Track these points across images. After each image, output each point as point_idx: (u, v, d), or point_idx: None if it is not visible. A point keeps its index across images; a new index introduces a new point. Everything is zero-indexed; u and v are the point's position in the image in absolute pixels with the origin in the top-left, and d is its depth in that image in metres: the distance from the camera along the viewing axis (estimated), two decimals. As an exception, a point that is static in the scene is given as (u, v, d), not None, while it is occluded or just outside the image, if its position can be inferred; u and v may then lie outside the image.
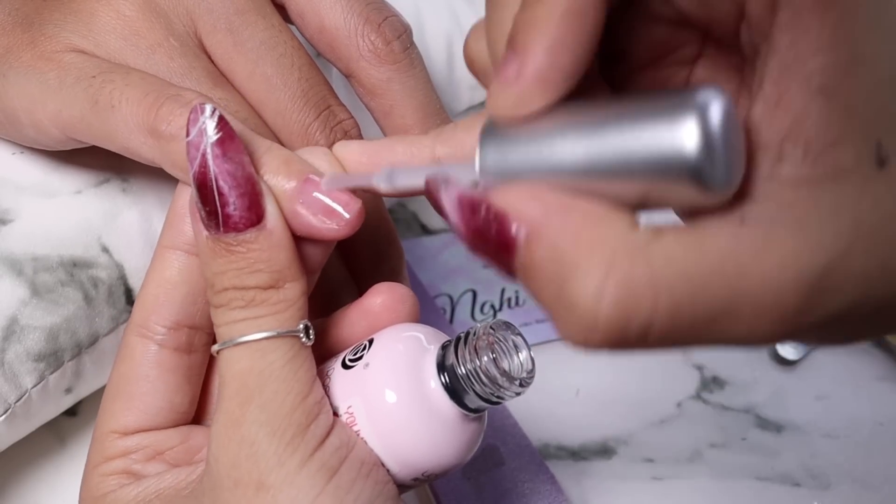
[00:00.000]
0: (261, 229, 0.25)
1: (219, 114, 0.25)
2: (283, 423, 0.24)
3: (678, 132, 0.19)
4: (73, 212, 0.33)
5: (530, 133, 0.21)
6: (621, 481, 0.45)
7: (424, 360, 0.27)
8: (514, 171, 0.22)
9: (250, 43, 0.30)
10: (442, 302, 0.51)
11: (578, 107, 0.21)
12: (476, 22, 0.25)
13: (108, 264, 0.34)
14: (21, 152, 0.34)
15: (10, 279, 0.32)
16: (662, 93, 0.20)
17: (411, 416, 0.26)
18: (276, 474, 0.24)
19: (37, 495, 0.38)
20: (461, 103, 0.47)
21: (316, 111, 0.30)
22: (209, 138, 0.24)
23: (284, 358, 0.25)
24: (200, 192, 0.25)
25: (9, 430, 0.33)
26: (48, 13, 0.30)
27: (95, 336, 0.34)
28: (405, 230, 0.55)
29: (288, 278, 0.25)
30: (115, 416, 0.28)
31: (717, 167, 0.19)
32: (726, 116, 0.19)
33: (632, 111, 0.20)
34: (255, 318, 0.25)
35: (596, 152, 0.20)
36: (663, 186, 0.20)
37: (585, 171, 0.20)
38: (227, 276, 0.25)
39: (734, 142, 0.19)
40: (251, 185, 0.25)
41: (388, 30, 0.31)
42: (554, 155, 0.21)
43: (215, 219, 0.25)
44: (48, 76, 0.29)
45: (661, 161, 0.19)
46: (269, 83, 0.30)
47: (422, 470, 0.26)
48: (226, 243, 0.25)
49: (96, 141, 0.29)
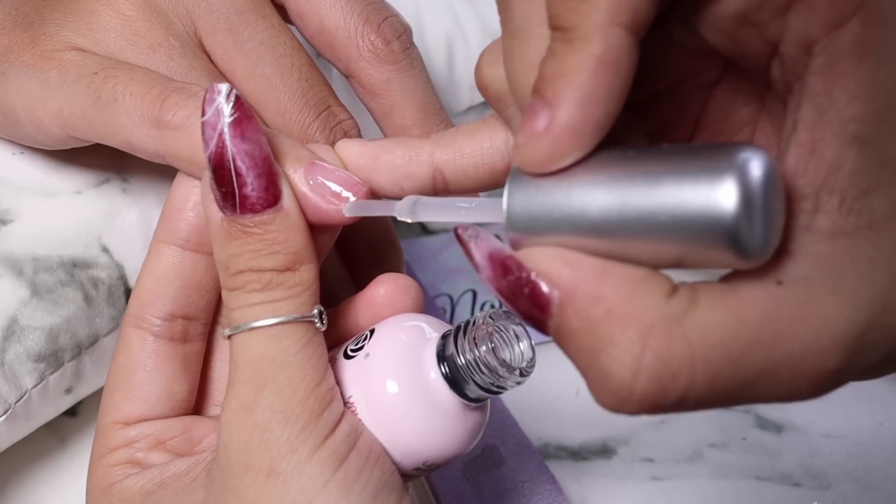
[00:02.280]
0: (278, 210, 0.25)
1: (235, 93, 0.24)
2: (296, 410, 0.24)
3: (716, 193, 0.18)
4: (74, 212, 0.34)
5: (560, 183, 0.20)
6: (621, 481, 0.45)
7: (425, 351, 0.27)
8: (543, 222, 0.21)
9: (250, 43, 0.30)
10: (442, 302, 0.51)
11: (611, 157, 0.20)
12: (489, 45, 0.24)
13: (108, 264, 0.34)
14: (21, 152, 0.34)
15: (11, 279, 0.32)
16: (700, 148, 0.19)
17: (412, 407, 0.26)
18: (287, 461, 0.24)
19: (37, 495, 0.38)
20: (461, 103, 0.47)
21: (315, 111, 0.30)
22: (226, 118, 0.24)
23: (299, 344, 0.25)
24: (216, 174, 0.24)
25: (9, 430, 0.33)
26: (48, 12, 0.30)
27: (95, 336, 0.34)
28: (405, 230, 0.55)
29: (304, 260, 0.25)
30: (116, 407, 0.28)
31: (756, 232, 0.18)
32: (767, 178, 0.18)
33: (668, 167, 0.19)
34: (271, 302, 0.25)
35: (629, 209, 0.19)
36: (698, 249, 0.19)
37: (617, 229, 0.20)
38: (244, 259, 0.25)
39: (775, 204, 0.19)
40: (269, 165, 0.25)
41: (387, 30, 0.31)
42: (585, 209, 0.20)
43: (232, 200, 0.25)
44: (49, 74, 0.29)
45: (697, 222, 0.18)
46: (269, 83, 0.30)
47: (423, 459, 0.26)
48: (242, 225, 0.25)
49: (98, 137, 0.29)
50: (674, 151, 0.20)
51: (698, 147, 0.20)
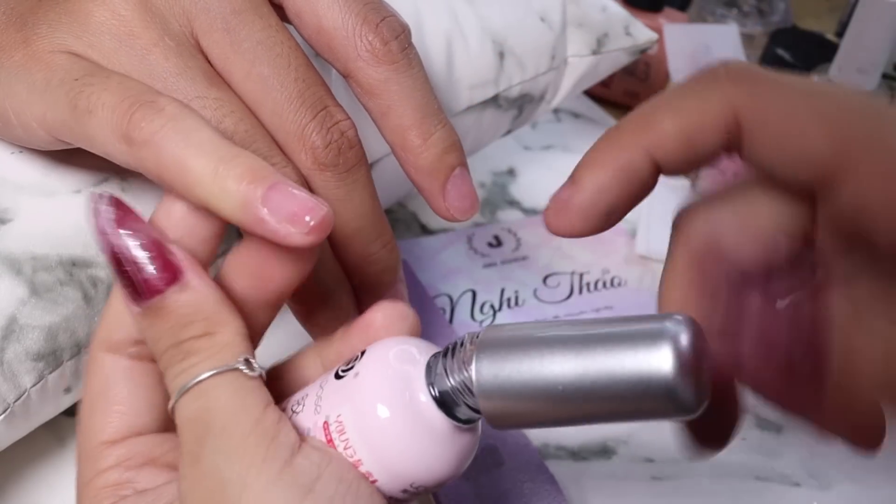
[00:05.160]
0: (182, 284, 0.26)
1: (111, 196, 0.26)
2: (238, 448, 0.24)
3: (656, 357, 0.22)
4: (73, 211, 0.34)
5: (522, 351, 0.24)
6: (621, 481, 0.44)
7: (414, 372, 0.26)
8: (509, 386, 0.24)
9: (247, 43, 0.30)
10: (441, 302, 0.51)
11: (562, 323, 0.25)
12: None
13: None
14: (20, 151, 0.34)
15: (9, 278, 0.32)
16: (640, 318, 0.24)
17: (401, 428, 0.26)
18: (246, 496, 0.24)
19: (36, 495, 0.38)
20: (460, 103, 0.47)
21: (312, 111, 0.30)
22: (108, 220, 0.26)
23: (227, 392, 0.25)
24: (116, 270, 0.26)
25: (8, 429, 0.33)
26: (43, 13, 0.30)
27: (94, 335, 0.34)
28: (404, 230, 0.55)
29: (219, 323, 0.26)
30: (98, 429, 0.27)
31: (689, 390, 0.22)
32: (695, 342, 0.23)
33: (615, 336, 0.23)
34: (192, 367, 0.25)
35: (583, 373, 0.23)
36: (644, 404, 0.23)
37: (574, 389, 0.23)
38: (165, 339, 0.26)
39: (704, 364, 0.23)
40: (159, 247, 0.26)
41: (385, 30, 0.31)
42: (544, 374, 0.24)
43: (137, 289, 0.26)
44: (36, 77, 0.29)
45: (641, 381, 0.23)
46: (266, 83, 0.30)
47: (410, 482, 0.26)
48: (154, 309, 0.26)
49: (79, 144, 0.29)
50: (619, 321, 0.24)
51: (637, 317, 0.24)
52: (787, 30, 0.77)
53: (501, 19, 0.49)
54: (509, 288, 0.53)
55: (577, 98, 0.71)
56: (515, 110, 0.51)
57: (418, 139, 0.31)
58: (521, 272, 0.54)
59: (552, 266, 0.55)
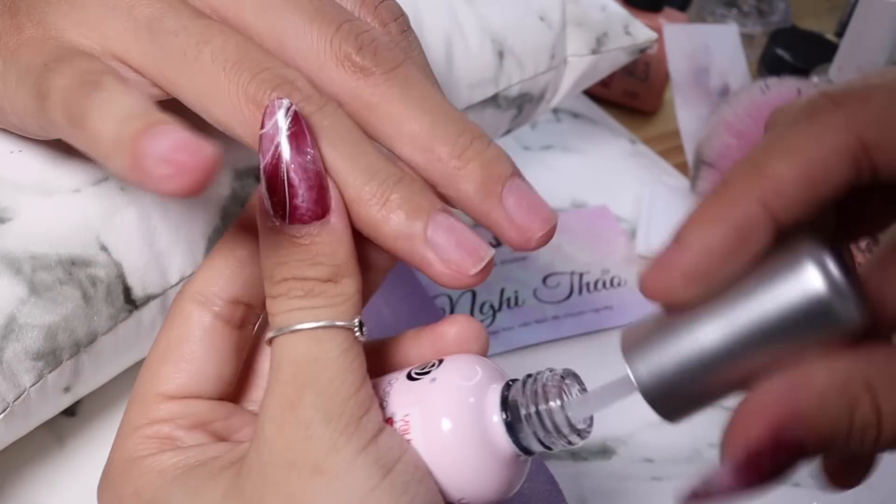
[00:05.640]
0: (325, 223, 0.25)
1: (294, 109, 0.25)
2: (337, 411, 0.25)
3: (805, 281, 0.21)
4: (72, 210, 0.33)
5: (671, 338, 0.23)
6: (621, 481, 0.44)
7: (489, 393, 0.27)
8: (668, 375, 0.23)
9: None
10: (441, 302, 0.51)
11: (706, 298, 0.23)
12: None
13: (107, 263, 0.34)
14: (19, 150, 0.34)
15: (9, 278, 0.32)
16: (771, 257, 0.22)
17: (468, 443, 0.26)
18: (332, 460, 0.24)
19: (35, 495, 0.38)
20: (460, 103, 0.47)
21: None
22: (283, 131, 0.25)
23: (339, 349, 0.25)
24: (270, 184, 0.25)
25: (7, 429, 0.33)
26: None
27: (94, 335, 0.34)
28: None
29: (346, 274, 0.26)
30: (164, 379, 0.28)
31: (848, 301, 0.21)
32: (836, 258, 0.21)
33: (755, 282, 0.22)
34: (312, 308, 0.25)
35: (741, 336, 0.22)
36: (808, 332, 0.22)
37: (733, 352, 0.22)
38: (288, 267, 0.26)
39: (851, 277, 0.22)
40: (320, 179, 0.25)
41: (384, 12, 0.31)
42: (703, 352, 0.23)
43: (282, 210, 0.25)
44: (21, 64, 0.28)
45: (798, 310, 0.21)
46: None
47: (460, 496, 0.27)
48: (290, 235, 0.25)
49: (52, 133, 0.28)
50: (754, 267, 0.22)
51: (769, 257, 0.22)
52: (786, 30, 0.77)
53: (501, 18, 0.49)
54: (509, 288, 0.53)
55: (576, 98, 0.71)
56: (515, 110, 0.51)
57: None
58: (521, 272, 0.54)
59: (552, 266, 0.55)
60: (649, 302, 0.23)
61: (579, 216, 0.60)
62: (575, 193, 0.62)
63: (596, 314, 0.52)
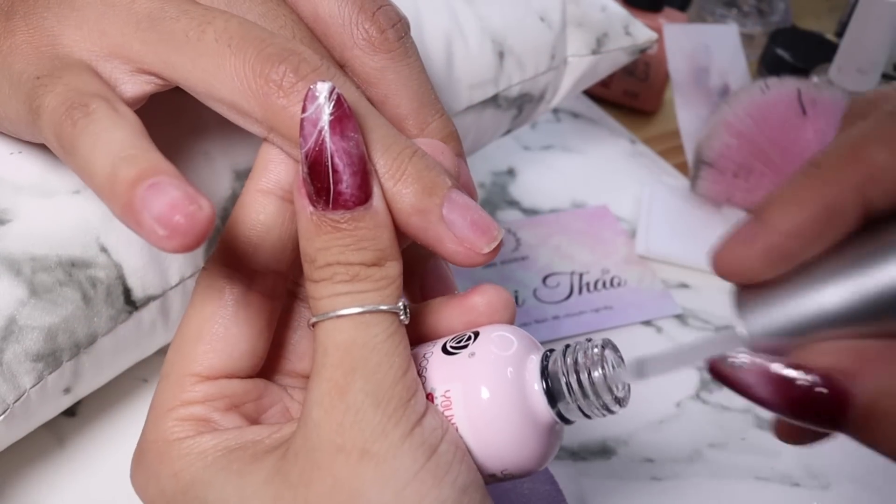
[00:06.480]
0: (368, 208, 0.25)
1: (337, 92, 0.25)
2: (386, 395, 0.25)
3: None
4: (72, 211, 0.33)
5: (788, 292, 0.22)
6: (620, 481, 0.44)
7: (528, 362, 0.27)
8: (782, 328, 0.22)
9: (250, 15, 0.29)
10: (441, 302, 0.51)
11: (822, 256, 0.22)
12: None
13: (107, 264, 0.34)
14: (19, 152, 0.34)
15: (9, 279, 0.32)
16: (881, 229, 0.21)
17: (509, 413, 0.26)
18: (380, 444, 0.24)
19: (36, 496, 0.38)
20: (460, 103, 0.47)
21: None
22: (326, 116, 0.25)
23: (386, 333, 0.25)
24: (313, 169, 0.25)
25: (8, 430, 0.33)
26: (33, 1, 0.30)
27: (94, 336, 0.34)
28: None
29: (389, 257, 0.26)
30: (198, 359, 0.27)
31: None
32: None
33: (881, 242, 0.21)
34: (358, 293, 0.25)
35: (863, 294, 0.21)
36: None
37: (854, 314, 0.21)
38: (332, 252, 0.25)
39: None
40: (363, 164, 0.25)
41: (382, 18, 0.31)
42: (822, 309, 0.22)
43: (325, 196, 0.25)
44: (13, 70, 0.28)
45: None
46: None
47: (503, 467, 0.27)
48: (332, 220, 0.25)
49: (46, 143, 0.28)
50: (876, 229, 0.22)
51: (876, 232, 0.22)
52: (786, 30, 0.77)
53: (501, 19, 0.49)
54: (509, 288, 0.53)
55: (576, 98, 0.72)
56: (515, 110, 0.51)
57: (415, 129, 0.31)
58: (521, 272, 0.54)
59: (552, 266, 0.55)
60: (722, 279, 0.23)
61: (579, 216, 0.60)
62: (575, 193, 0.63)
63: (596, 314, 0.52)
